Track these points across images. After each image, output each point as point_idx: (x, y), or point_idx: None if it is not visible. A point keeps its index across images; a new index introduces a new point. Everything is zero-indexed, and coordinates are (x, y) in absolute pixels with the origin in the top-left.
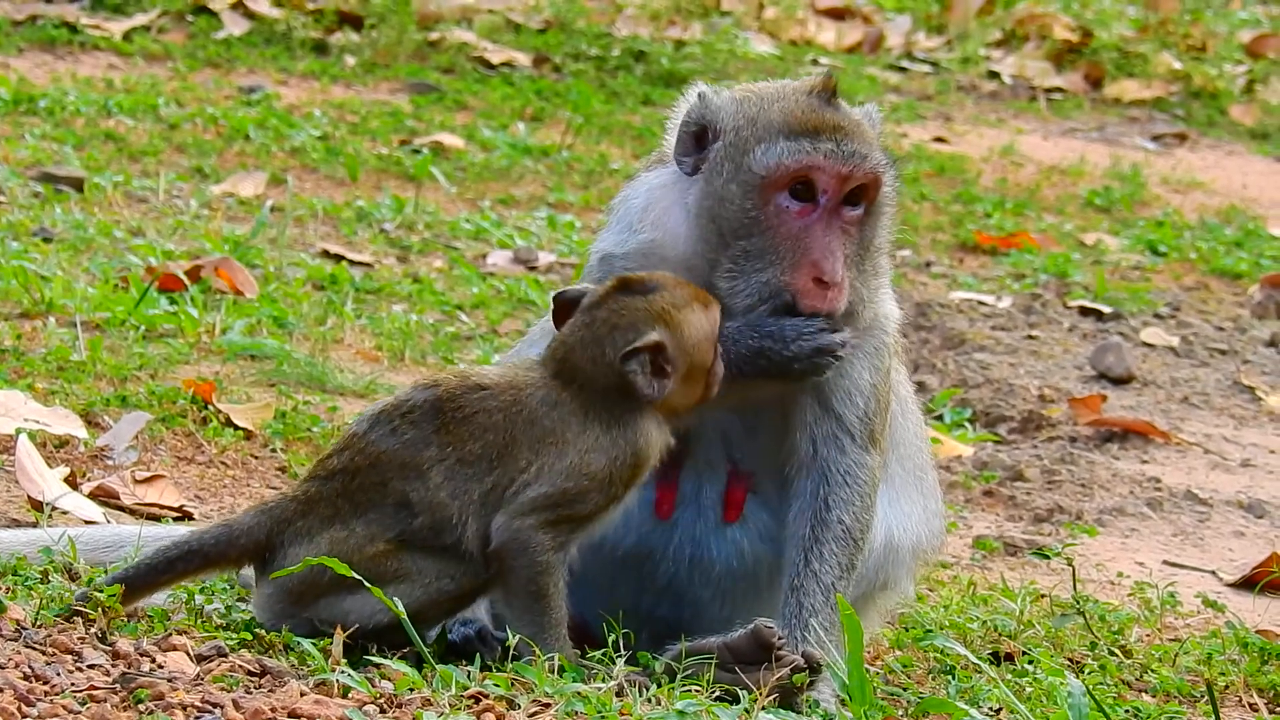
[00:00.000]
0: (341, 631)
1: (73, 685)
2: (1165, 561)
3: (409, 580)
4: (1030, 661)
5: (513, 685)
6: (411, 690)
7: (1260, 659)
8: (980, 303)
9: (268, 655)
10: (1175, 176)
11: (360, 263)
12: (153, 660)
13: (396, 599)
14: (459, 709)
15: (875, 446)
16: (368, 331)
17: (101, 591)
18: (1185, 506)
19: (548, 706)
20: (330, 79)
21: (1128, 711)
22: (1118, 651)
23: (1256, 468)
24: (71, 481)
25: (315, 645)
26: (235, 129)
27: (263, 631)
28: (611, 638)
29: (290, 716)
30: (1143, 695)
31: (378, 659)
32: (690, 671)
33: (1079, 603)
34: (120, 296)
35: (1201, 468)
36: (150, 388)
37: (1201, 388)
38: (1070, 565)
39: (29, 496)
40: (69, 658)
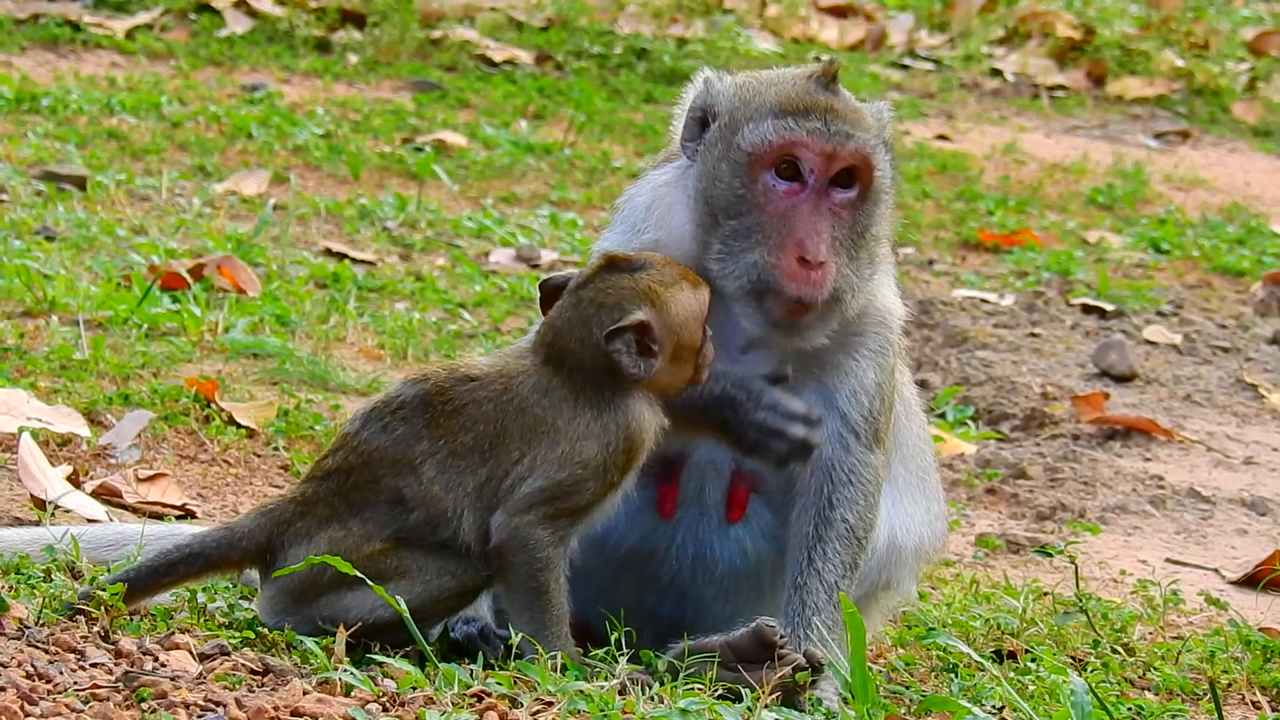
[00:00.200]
0: (343, 629)
1: (75, 684)
2: (1168, 559)
3: (409, 577)
4: (1033, 659)
5: (515, 684)
6: (414, 689)
7: (1263, 657)
8: (983, 300)
9: (270, 654)
10: (1178, 174)
11: (363, 261)
12: (155, 659)
13: (398, 596)
14: (461, 707)
15: (879, 445)
16: (370, 330)
17: (104, 590)
18: (1188, 504)
19: (550, 705)
20: (333, 77)
21: (1130, 710)
22: (1120, 649)
23: (1259, 465)
24: (74, 480)
25: (318, 644)
26: (238, 127)
27: (265, 630)
28: (614, 636)
29: (293, 715)
30: (1145, 693)
31: (380, 657)
32: (693, 670)
33: (1081, 601)
34: (123, 295)
35: (1204, 465)
36: (153, 386)
37: (1204, 385)
38: (1073, 563)
39: (32, 495)
40: (72, 656)
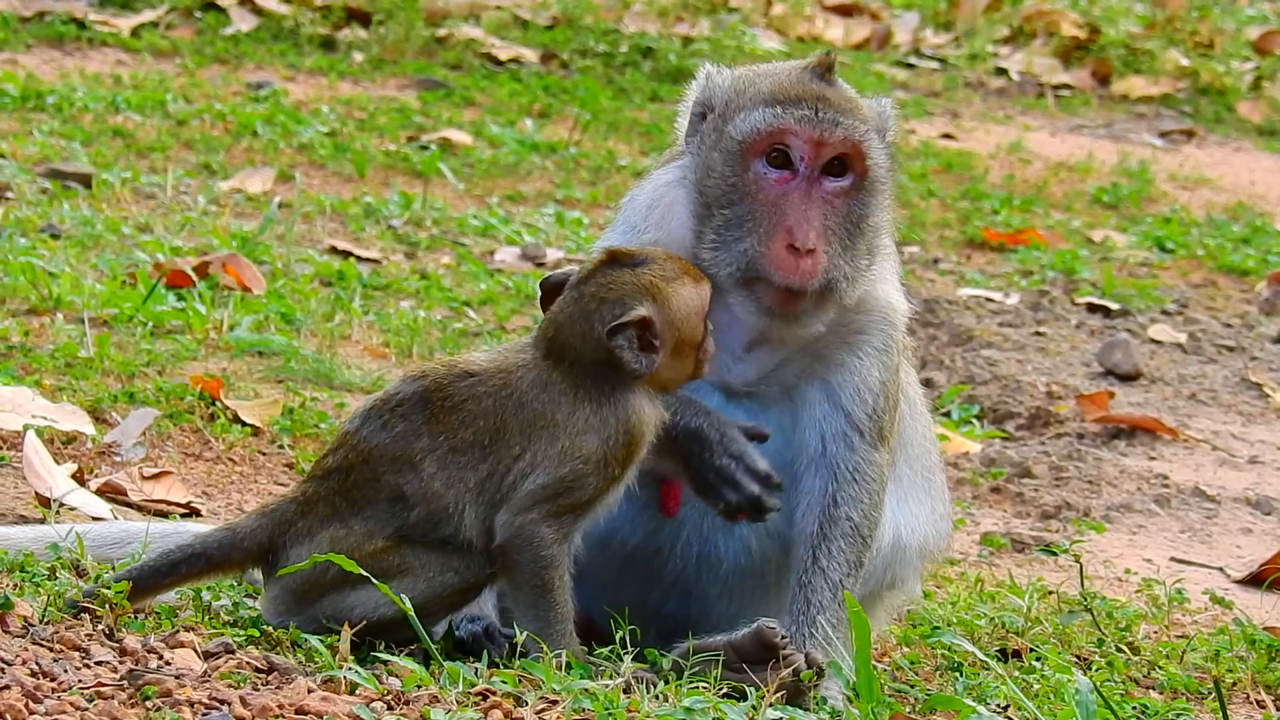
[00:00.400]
0: (348, 628)
1: (80, 682)
2: (1173, 558)
3: (411, 575)
4: (1038, 658)
5: (520, 682)
6: (419, 687)
7: (1268, 656)
8: (988, 299)
9: (275, 652)
10: (1183, 173)
11: (368, 259)
12: (160, 657)
13: (401, 594)
14: (466, 706)
15: (884, 444)
16: (375, 328)
17: (109, 588)
18: (1193, 503)
19: (555, 703)
20: (338, 75)
21: (1135, 708)
22: (1125, 648)
23: (1264, 464)
24: (79, 478)
25: (323, 642)
26: (243, 125)
27: (270, 628)
28: (619, 634)
29: (298, 713)
30: (1150, 692)
31: (385, 656)
32: (697, 669)
33: (1086, 600)
34: (128, 293)
35: (1209, 464)
36: (158, 384)
37: (1209, 384)
38: (1078, 562)
39: (36, 493)
40: (76, 654)
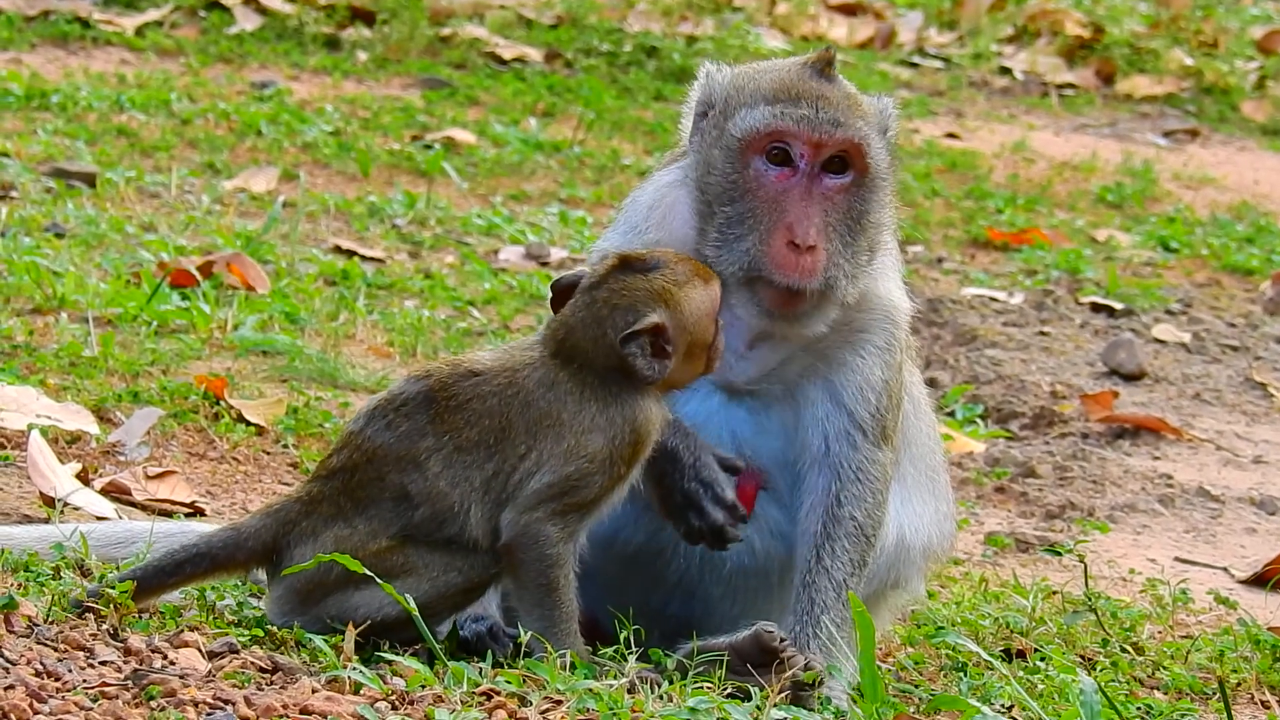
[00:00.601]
0: (352, 628)
1: (84, 682)
2: (1177, 558)
3: (415, 575)
4: (1042, 658)
5: (525, 682)
6: (423, 687)
7: (1272, 656)
8: (992, 299)
9: (279, 652)
10: (1187, 173)
11: (372, 258)
12: (164, 657)
13: (405, 594)
14: (471, 706)
15: (887, 443)
16: (379, 327)
17: (113, 588)
18: (1197, 503)
19: (560, 703)
20: (342, 74)
21: (1140, 709)
22: (1130, 648)
23: (1268, 464)
24: (83, 477)
25: (327, 642)
26: (247, 124)
27: (274, 628)
28: (623, 634)
29: (302, 713)
30: (1155, 692)
31: (389, 655)
32: (701, 669)
33: (1091, 599)
34: (132, 292)
35: (1213, 464)
36: (162, 383)
37: (1213, 384)
38: (1082, 562)
39: (41, 492)
40: (81, 654)
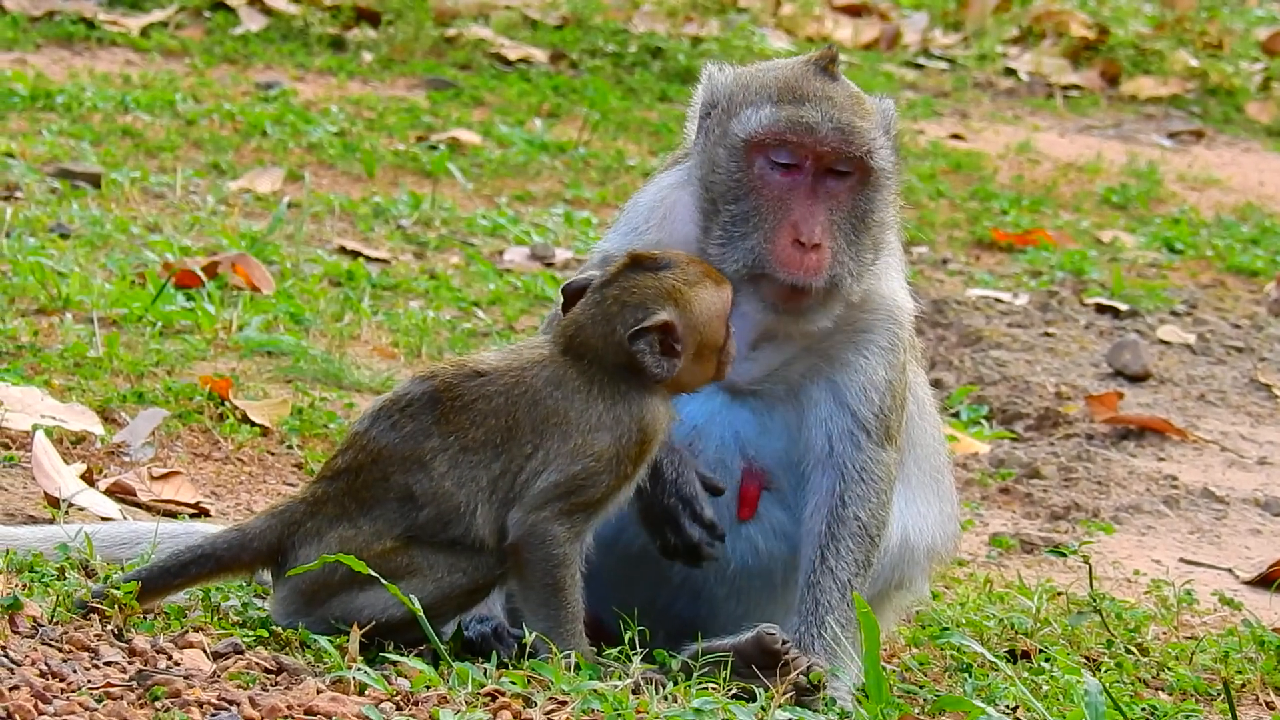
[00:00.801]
0: (357, 628)
1: (89, 682)
2: (1182, 559)
3: (420, 575)
4: (1047, 659)
5: (529, 683)
6: (428, 688)
7: (1277, 657)
8: (997, 300)
9: (284, 652)
10: (1192, 174)
11: (377, 259)
12: (169, 657)
13: (410, 595)
14: (475, 706)
15: (891, 443)
16: (384, 328)
17: (118, 588)
18: (1202, 504)
19: (564, 704)
20: (347, 75)
21: (1144, 710)
22: (1134, 649)
23: (1273, 465)
24: (88, 478)
25: (332, 643)
26: (252, 125)
27: (279, 629)
28: (628, 635)
29: (307, 714)
30: (1159, 693)
31: (394, 656)
32: (706, 670)
33: (1095, 600)
34: (137, 293)
35: (1218, 465)
36: (167, 384)
37: (1218, 385)
38: (1087, 563)
39: (45, 493)
40: (85, 655)
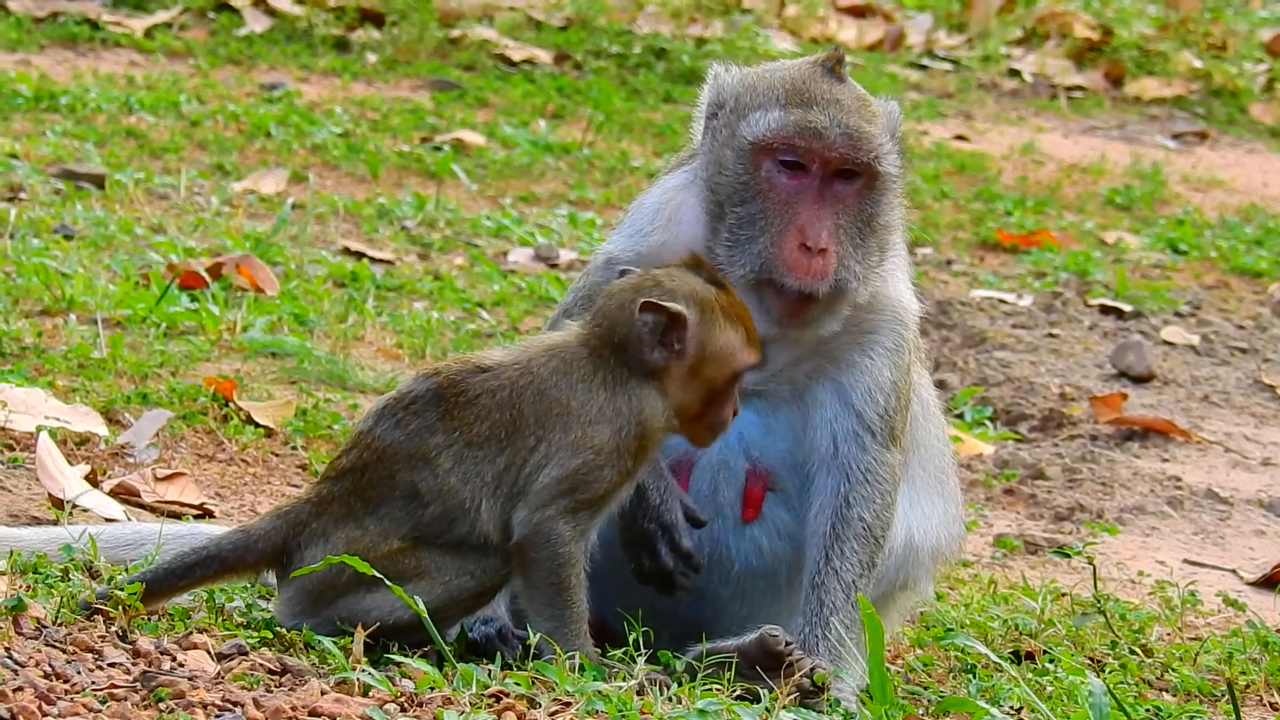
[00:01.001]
0: (361, 629)
1: (93, 684)
2: (1186, 560)
3: (428, 578)
4: (1051, 660)
5: (533, 684)
6: (432, 689)
7: None
8: (1001, 301)
9: (288, 654)
10: (1196, 175)
11: (381, 260)
12: (173, 659)
13: (416, 597)
14: (480, 708)
15: (896, 444)
16: (389, 329)
17: (122, 590)
18: (1206, 505)
19: (569, 705)
20: (351, 76)
21: (1148, 711)
22: (1138, 650)
23: (1277, 466)
24: (92, 479)
25: (336, 644)
26: (256, 126)
27: (283, 630)
28: (632, 636)
29: (311, 715)
30: (1163, 694)
31: (398, 657)
32: (711, 671)
33: (1100, 601)
34: (141, 294)
35: (1222, 466)
36: (171, 385)
37: (1222, 386)
38: (1091, 564)
39: (50, 494)
40: (89, 656)
